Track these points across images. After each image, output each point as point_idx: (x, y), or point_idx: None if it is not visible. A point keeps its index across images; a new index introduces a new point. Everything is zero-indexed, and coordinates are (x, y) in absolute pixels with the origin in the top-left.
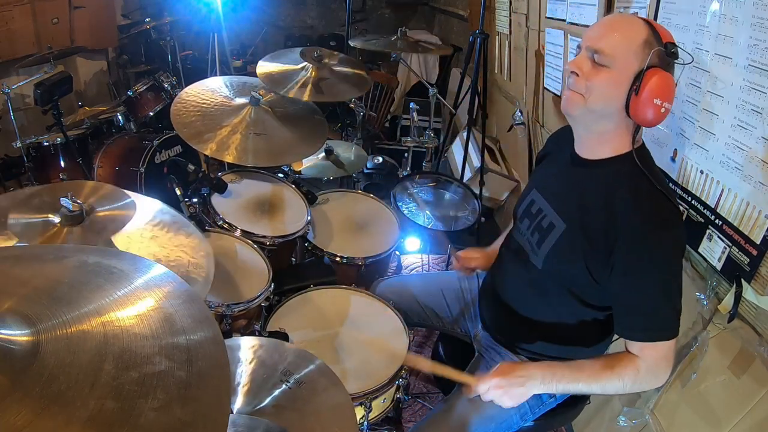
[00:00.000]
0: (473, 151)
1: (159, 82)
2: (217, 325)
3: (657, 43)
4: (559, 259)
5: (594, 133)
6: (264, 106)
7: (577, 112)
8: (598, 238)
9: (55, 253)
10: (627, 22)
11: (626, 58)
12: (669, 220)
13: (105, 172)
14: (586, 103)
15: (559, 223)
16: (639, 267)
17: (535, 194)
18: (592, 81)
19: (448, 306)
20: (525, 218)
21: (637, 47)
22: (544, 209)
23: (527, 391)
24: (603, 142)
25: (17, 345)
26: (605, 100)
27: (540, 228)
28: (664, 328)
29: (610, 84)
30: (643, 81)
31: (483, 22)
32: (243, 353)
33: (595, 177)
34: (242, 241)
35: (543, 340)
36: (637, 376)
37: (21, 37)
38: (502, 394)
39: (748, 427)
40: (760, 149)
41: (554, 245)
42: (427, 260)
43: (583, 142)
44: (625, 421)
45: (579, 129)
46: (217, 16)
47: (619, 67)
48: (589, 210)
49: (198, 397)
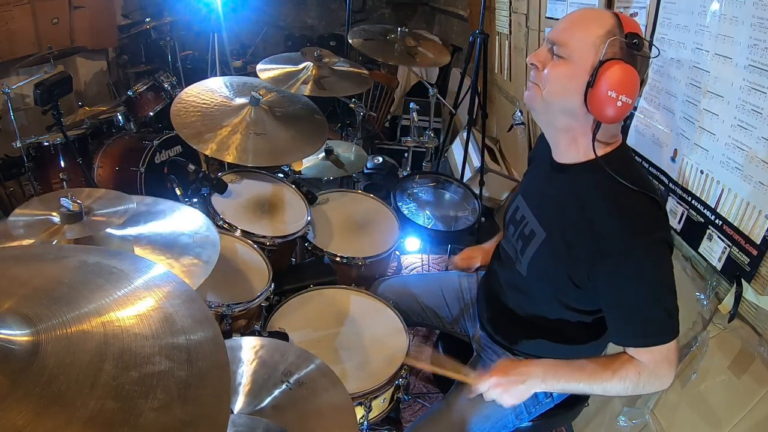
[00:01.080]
0: (473, 151)
1: (159, 82)
2: (217, 325)
3: (618, 33)
4: (540, 268)
5: (557, 130)
6: (264, 106)
7: (536, 105)
8: (578, 248)
9: (55, 253)
10: (591, 15)
11: (584, 49)
12: (649, 224)
13: (105, 172)
14: (542, 95)
15: (539, 231)
16: (624, 276)
17: (520, 200)
18: (550, 73)
19: (448, 306)
20: (510, 224)
21: (596, 39)
22: (526, 216)
23: (528, 388)
24: (570, 142)
25: (17, 345)
26: (562, 93)
27: (523, 235)
28: (659, 332)
29: (566, 76)
30: (598, 73)
31: (483, 22)
32: (244, 353)
33: (571, 183)
34: (242, 241)
35: (537, 340)
36: (639, 380)
37: (21, 37)
38: (502, 392)
39: (748, 427)
40: (760, 149)
41: (535, 253)
42: (427, 260)
43: (554, 143)
44: (625, 421)
45: (542, 124)
46: (217, 16)
47: (576, 58)
48: (567, 218)
49: (198, 397)
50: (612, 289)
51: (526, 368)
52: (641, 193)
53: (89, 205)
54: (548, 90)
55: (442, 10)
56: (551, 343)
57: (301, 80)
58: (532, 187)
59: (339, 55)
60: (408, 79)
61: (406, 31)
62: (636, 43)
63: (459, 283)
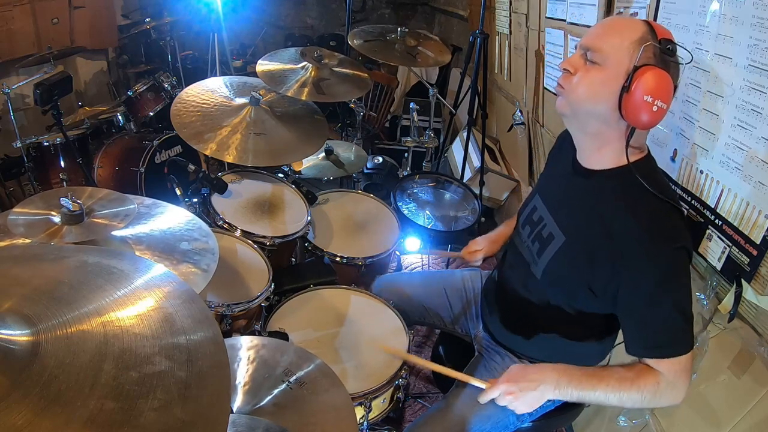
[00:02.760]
0: (473, 151)
1: (159, 82)
2: (217, 325)
3: (652, 40)
4: (557, 272)
5: (588, 135)
6: (264, 106)
7: (565, 110)
8: (599, 255)
9: (55, 253)
10: (624, 22)
11: (618, 55)
12: (675, 233)
13: (105, 172)
14: (570, 100)
15: (558, 234)
16: (648, 283)
17: (537, 200)
18: (581, 78)
19: (450, 304)
20: (527, 225)
21: (629, 44)
22: (545, 218)
23: (541, 395)
24: (600, 147)
25: (17, 345)
26: (592, 98)
27: (540, 237)
28: (681, 342)
29: (598, 81)
30: (633, 78)
31: (483, 22)
32: (245, 352)
33: (595, 189)
34: (242, 241)
35: (542, 341)
36: (657, 390)
37: (21, 37)
38: (513, 400)
39: (748, 427)
40: (760, 149)
41: (553, 257)
42: (427, 260)
43: (581, 147)
44: (625, 421)
45: (573, 129)
46: (217, 16)
47: (610, 64)
48: (590, 225)
49: (198, 397)
50: (634, 298)
51: (538, 375)
52: (667, 202)
53: (90, 205)
54: (578, 94)
55: (442, 10)
56: (555, 344)
57: (300, 82)
58: (552, 187)
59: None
60: (408, 79)
61: (407, 31)
62: (670, 48)
63: (462, 282)
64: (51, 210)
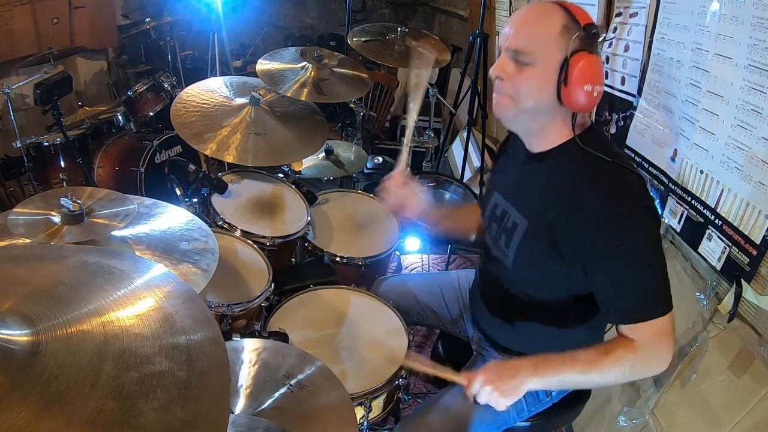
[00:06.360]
0: (473, 151)
1: (159, 82)
2: (217, 325)
3: (576, 27)
4: (526, 255)
5: (533, 129)
6: (264, 106)
7: (509, 114)
8: (562, 228)
9: (55, 253)
10: (540, 13)
11: (548, 52)
12: (629, 190)
13: (105, 172)
14: (517, 105)
15: (521, 220)
16: (612, 245)
17: (497, 197)
18: (519, 82)
19: (447, 306)
20: (492, 222)
21: (556, 36)
22: (507, 210)
23: (520, 383)
24: (545, 134)
25: (17, 345)
26: (535, 98)
27: (506, 229)
28: (653, 303)
29: (536, 81)
30: (569, 70)
31: (483, 22)
32: (246, 355)
33: (549, 168)
34: (242, 241)
35: (531, 332)
36: (636, 358)
37: (21, 37)
38: (492, 391)
39: (748, 427)
40: (760, 149)
41: (520, 243)
42: (427, 260)
43: (529, 139)
44: (625, 421)
45: (516, 128)
46: (217, 16)
47: (542, 62)
48: (548, 199)
49: (198, 397)
50: (599, 260)
51: (516, 362)
52: (617, 164)
53: (90, 205)
54: (522, 99)
55: (442, 10)
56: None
57: (299, 83)
58: (509, 180)
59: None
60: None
61: (406, 31)
62: (595, 33)
63: (458, 283)
64: (51, 210)
